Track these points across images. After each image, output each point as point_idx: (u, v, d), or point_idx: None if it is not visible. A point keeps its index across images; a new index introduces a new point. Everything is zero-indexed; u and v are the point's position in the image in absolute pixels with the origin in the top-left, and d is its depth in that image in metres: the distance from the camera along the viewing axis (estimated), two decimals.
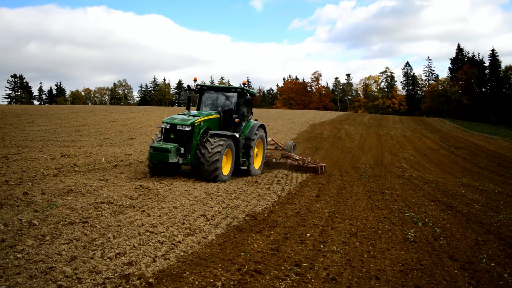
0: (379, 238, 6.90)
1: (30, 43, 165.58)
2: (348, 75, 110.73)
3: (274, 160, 16.57)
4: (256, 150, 14.33)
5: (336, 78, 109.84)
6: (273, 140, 18.70)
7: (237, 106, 13.50)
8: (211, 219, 7.33)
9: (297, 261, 5.50)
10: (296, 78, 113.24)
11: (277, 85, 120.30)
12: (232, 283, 4.58)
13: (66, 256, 4.99)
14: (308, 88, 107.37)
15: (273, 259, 5.50)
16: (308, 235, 6.82)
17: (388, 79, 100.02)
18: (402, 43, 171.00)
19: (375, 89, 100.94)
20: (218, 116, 13.18)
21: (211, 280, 4.62)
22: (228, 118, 13.32)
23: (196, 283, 4.53)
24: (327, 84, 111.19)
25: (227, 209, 8.23)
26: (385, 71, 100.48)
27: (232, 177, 12.86)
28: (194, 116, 12.31)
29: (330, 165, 18.28)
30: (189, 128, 11.70)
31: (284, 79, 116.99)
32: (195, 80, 14.05)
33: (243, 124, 13.92)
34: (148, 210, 7.51)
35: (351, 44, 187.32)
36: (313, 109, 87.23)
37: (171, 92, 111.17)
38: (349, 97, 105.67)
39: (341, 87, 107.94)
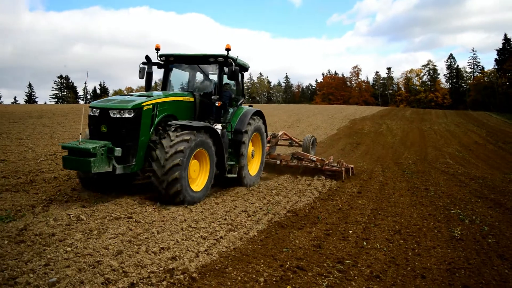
0: (424, 235, 6.72)
1: (76, 45, 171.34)
2: (389, 69, 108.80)
3: (278, 162, 12.98)
4: (251, 148, 10.68)
5: (377, 72, 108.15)
6: (286, 134, 15.65)
7: (219, 83, 9.55)
8: (253, 215, 7.37)
9: (340, 258, 5.44)
10: (336, 73, 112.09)
11: (316, 81, 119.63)
12: (274, 279, 4.58)
13: (112, 250, 5.13)
14: (348, 83, 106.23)
15: (315, 256, 5.46)
16: (350, 231, 6.74)
17: (431, 72, 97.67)
18: (445, 35, 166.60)
19: (417, 83, 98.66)
20: (191, 99, 9.31)
21: (254, 276, 4.64)
22: (209, 104, 9.56)
23: (239, 278, 4.55)
24: (367, 78, 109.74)
25: (268, 205, 8.25)
26: (428, 64, 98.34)
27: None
28: (144, 96, 8.31)
29: (372, 161, 18.00)
30: (131, 115, 7.58)
31: (323, 74, 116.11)
32: (157, 49, 10.00)
33: (230, 111, 10.21)
34: (190, 206, 7.63)
35: (392, 37, 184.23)
36: (353, 104, 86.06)
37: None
38: (390, 91, 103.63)
39: (381, 81, 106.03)
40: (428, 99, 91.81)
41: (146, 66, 9.81)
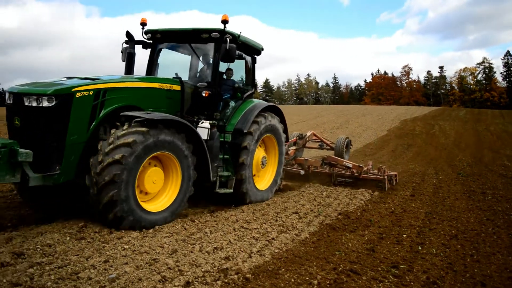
0: (482, 241, 6.47)
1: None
2: (441, 67, 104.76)
3: (303, 172, 10.92)
4: (260, 154, 8.58)
5: (428, 72, 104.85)
6: (315, 135, 13.85)
7: (213, 66, 7.73)
8: (303, 217, 7.35)
9: (394, 262, 5.32)
10: (385, 73, 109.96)
11: (365, 81, 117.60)
12: (328, 282, 4.54)
13: (167, 248, 5.26)
14: (398, 83, 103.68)
15: (369, 260, 5.38)
16: (404, 235, 6.59)
17: (486, 70, 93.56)
18: (501, 31, 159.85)
19: (472, 82, 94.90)
20: (176, 87, 7.27)
21: (307, 278, 4.62)
22: (207, 96, 7.51)
23: (292, 280, 4.55)
24: (418, 78, 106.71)
25: (319, 207, 8.19)
26: (483, 62, 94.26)
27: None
28: (84, 79, 6.27)
29: (424, 163, 17.50)
30: (51, 104, 5.61)
31: (372, 74, 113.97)
32: (143, 24, 8.24)
33: (232, 105, 8.26)
34: (241, 206, 7.72)
35: (444, 35, 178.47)
36: (404, 104, 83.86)
37: (258, 91, 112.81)
38: (442, 91, 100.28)
39: (433, 80, 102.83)
40: (483, 98, 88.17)
41: (128, 45, 8.04)
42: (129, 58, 7.98)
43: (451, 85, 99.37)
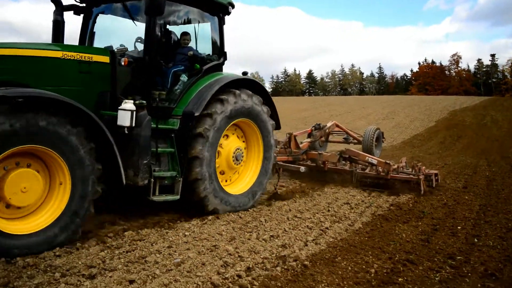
0: None
1: None
2: (492, 55, 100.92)
3: (303, 168, 8.56)
4: (230, 146, 6.79)
5: (479, 60, 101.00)
6: (338, 126, 12.20)
7: (147, 28, 5.84)
8: (355, 207, 7.42)
9: (450, 253, 5.32)
10: (433, 62, 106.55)
11: (411, 70, 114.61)
12: (385, 271, 4.63)
13: (226, 236, 5.50)
14: (447, 72, 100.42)
15: (424, 250, 5.40)
16: (459, 227, 6.53)
17: None
18: None
19: None
20: (103, 59, 5.65)
21: (364, 267, 4.72)
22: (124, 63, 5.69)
23: (349, 268, 4.66)
24: (468, 66, 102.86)
25: (370, 198, 8.24)
26: None
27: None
28: None
29: (475, 154, 17.04)
30: None
31: (419, 63, 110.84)
32: None
33: (183, 79, 6.39)
34: (293, 197, 7.88)
35: (496, 21, 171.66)
36: (452, 94, 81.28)
37: (302, 82, 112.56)
38: (494, 80, 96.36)
39: (484, 69, 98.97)
40: None
41: (56, 10, 6.55)
42: (55, 27, 6.51)
43: (504, 73, 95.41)
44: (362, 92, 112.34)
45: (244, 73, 7.32)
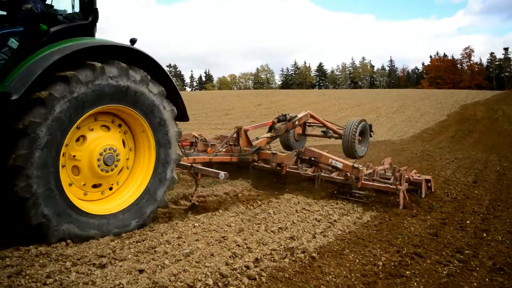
0: None
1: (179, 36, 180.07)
2: (506, 49, 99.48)
3: (223, 175, 6.30)
4: (94, 146, 4.80)
5: (492, 53, 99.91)
6: (313, 117, 10.07)
7: None
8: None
9: (459, 247, 5.32)
10: (445, 55, 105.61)
11: (423, 64, 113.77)
12: (392, 264, 4.65)
13: (234, 227, 5.53)
14: (459, 66, 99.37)
15: (432, 244, 5.41)
16: (468, 222, 6.52)
17: None
18: None
19: None
20: None
21: (371, 259, 4.75)
22: None
23: (357, 261, 4.69)
24: (481, 60, 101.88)
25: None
26: None
27: None
28: None
29: (486, 149, 16.95)
30: None
31: (431, 57, 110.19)
32: None
33: (12, 45, 4.44)
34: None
35: (510, 14, 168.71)
36: (464, 88, 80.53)
37: (312, 75, 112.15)
38: (507, 74, 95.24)
39: (497, 63, 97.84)
40: None
41: None
42: None
43: None
44: (373, 86, 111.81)
45: (132, 41, 5.34)
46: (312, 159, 7.64)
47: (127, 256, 4.43)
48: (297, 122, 9.40)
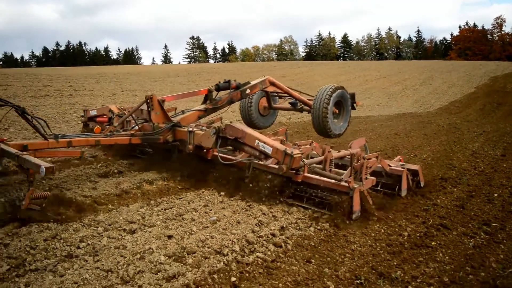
0: None
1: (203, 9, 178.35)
2: None
3: (44, 169, 4.07)
4: None
5: None
6: (274, 85, 8.01)
7: None
8: None
9: (486, 220, 5.27)
10: (475, 25, 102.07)
11: (451, 34, 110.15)
12: (418, 234, 4.65)
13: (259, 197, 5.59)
14: (489, 36, 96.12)
15: (458, 216, 5.37)
16: (495, 195, 6.43)
17: None
18: None
19: None
20: None
21: (397, 230, 4.76)
22: None
23: (382, 231, 4.71)
24: None
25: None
26: None
27: None
28: None
29: None
30: None
31: (460, 27, 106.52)
32: None
33: None
34: None
35: None
36: (494, 59, 78.08)
37: (336, 46, 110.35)
38: None
39: None
40: None
41: None
42: None
43: None
44: (399, 57, 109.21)
45: None
46: (238, 139, 5.59)
47: (156, 222, 4.55)
48: (248, 91, 7.52)
